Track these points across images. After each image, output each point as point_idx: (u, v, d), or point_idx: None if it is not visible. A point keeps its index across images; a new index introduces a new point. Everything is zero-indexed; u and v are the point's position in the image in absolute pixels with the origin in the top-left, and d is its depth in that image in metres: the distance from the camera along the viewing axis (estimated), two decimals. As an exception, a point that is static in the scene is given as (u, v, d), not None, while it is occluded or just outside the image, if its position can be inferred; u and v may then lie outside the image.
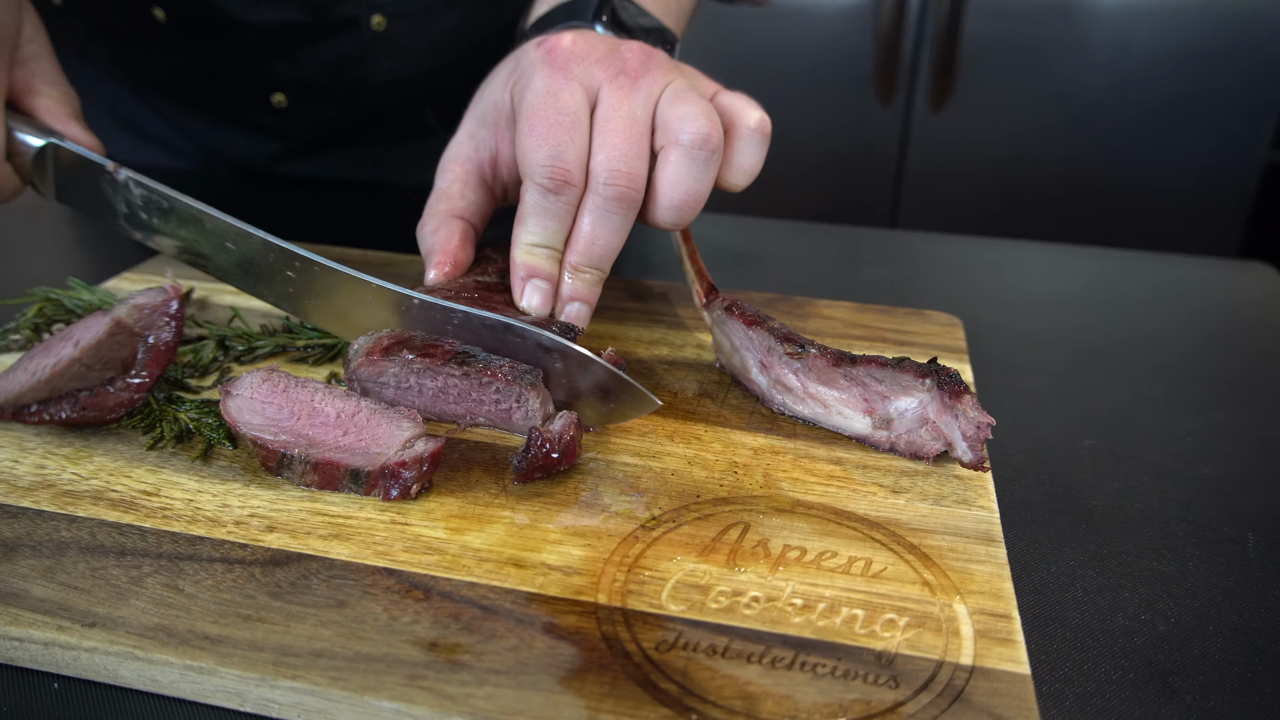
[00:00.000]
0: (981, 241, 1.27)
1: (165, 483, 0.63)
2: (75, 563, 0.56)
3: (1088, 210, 3.08)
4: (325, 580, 0.55)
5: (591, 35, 0.76)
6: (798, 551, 0.59)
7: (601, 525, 0.60)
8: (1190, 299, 1.10)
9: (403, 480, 0.61)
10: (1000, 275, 1.15)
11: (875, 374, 0.68)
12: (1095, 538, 0.66)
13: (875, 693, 0.49)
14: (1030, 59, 2.96)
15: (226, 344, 0.81)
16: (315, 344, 0.82)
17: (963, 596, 0.55)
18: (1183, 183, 3.00)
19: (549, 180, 0.70)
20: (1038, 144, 3.05)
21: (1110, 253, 1.26)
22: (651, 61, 0.75)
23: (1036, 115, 3.01)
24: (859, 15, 3.07)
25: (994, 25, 2.96)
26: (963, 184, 3.20)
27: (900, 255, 1.22)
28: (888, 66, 3.09)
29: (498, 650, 0.50)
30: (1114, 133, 2.98)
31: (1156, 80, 2.89)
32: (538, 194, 0.71)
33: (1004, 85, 3.01)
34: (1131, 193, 3.03)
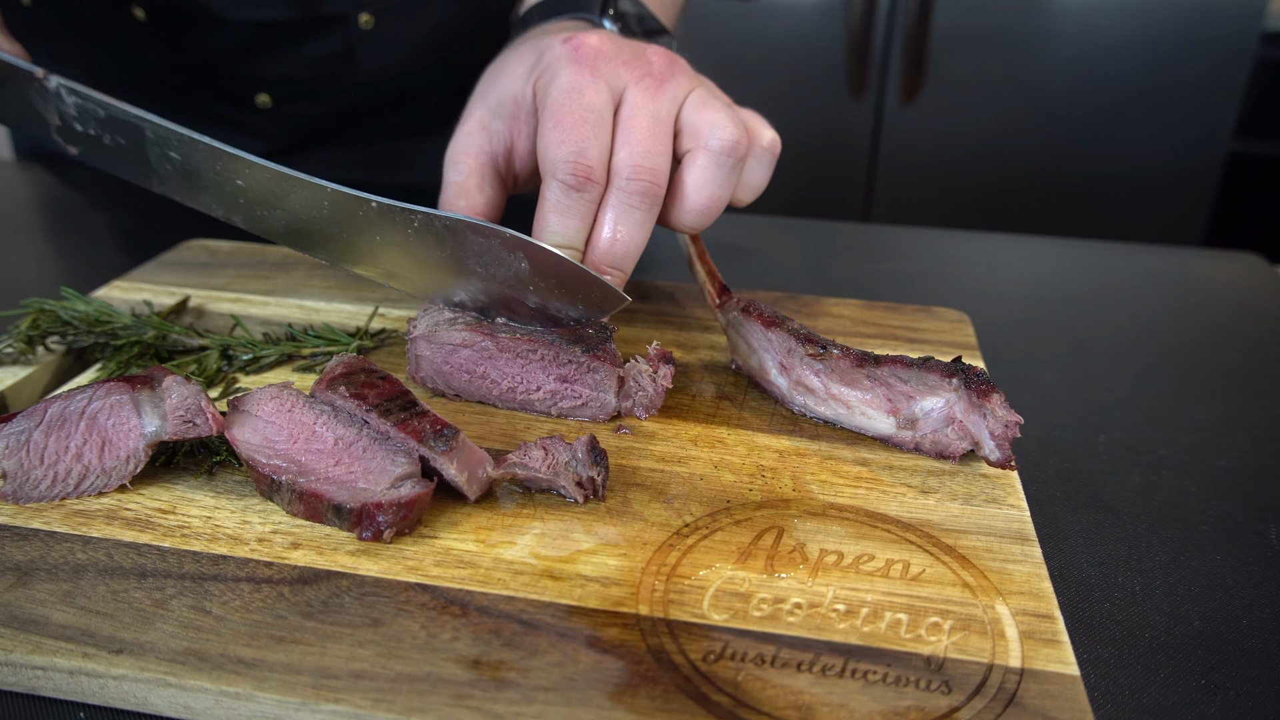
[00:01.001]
0: (971, 235, 1.27)
1: (180, 500, 0.61)
2: (94, 586, 0.54)
3: (1056, 200, 3.12)
4: (358, 598, 0.54)
5: (616, 37, 0.75)
6: (835, 556, 0.58)
7: (634, 534, 0.59)
8: (1183, 290, 1.12)
9: (376, 523, 0.57)
10: (995, 269, 1.15)
11: (900, 374, 0.67)
12: (1121, 534, 0.66)
13: (929, 699, 0.48)
14: (998, 51, 2.99)
15: (230, 353, 0.79)
16: (321, 351, 0.80)
17: (1004, 598, 0.55)
18: (1148, 172, 3.05)
19: (571, 177, 0.69)
20: (1006, 135, 3.08)
21: (1100, 245, 1.27)
22: (676, 67, 0.74)
23: (1005, 106, 3.04)
24: (830, 9, 3.08)
25: (962, 18, 2.98)
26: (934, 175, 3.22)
27: (894, 250, 1.22)
28: (859, 60, 3.11)
29: (543, 666, 0.49)
30: (1080, 123, 3.01)
31: (1121, 71, 2.93)
32: (560, 191, 0.69)
33: (973, 77, 3.03)
34: (1098, 182, 3.07)
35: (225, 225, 1.06)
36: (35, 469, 0.60)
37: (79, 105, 0.73)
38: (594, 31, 0.75)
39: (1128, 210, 3.10)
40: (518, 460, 0.62)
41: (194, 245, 1.02)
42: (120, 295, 0.90)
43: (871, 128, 3.20)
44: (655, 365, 0.70)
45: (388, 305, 0.90)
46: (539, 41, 0.78)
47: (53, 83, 0.73)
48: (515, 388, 0.72)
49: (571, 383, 0.71)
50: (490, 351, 0.72)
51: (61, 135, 0.75)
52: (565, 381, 0.71)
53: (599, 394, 0.71)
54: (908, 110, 3.14)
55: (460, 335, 0.72)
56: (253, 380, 0.76)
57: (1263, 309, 1.05)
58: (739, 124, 0.73)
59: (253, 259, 1.00)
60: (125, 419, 0.61)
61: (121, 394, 0.60)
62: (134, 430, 0.61)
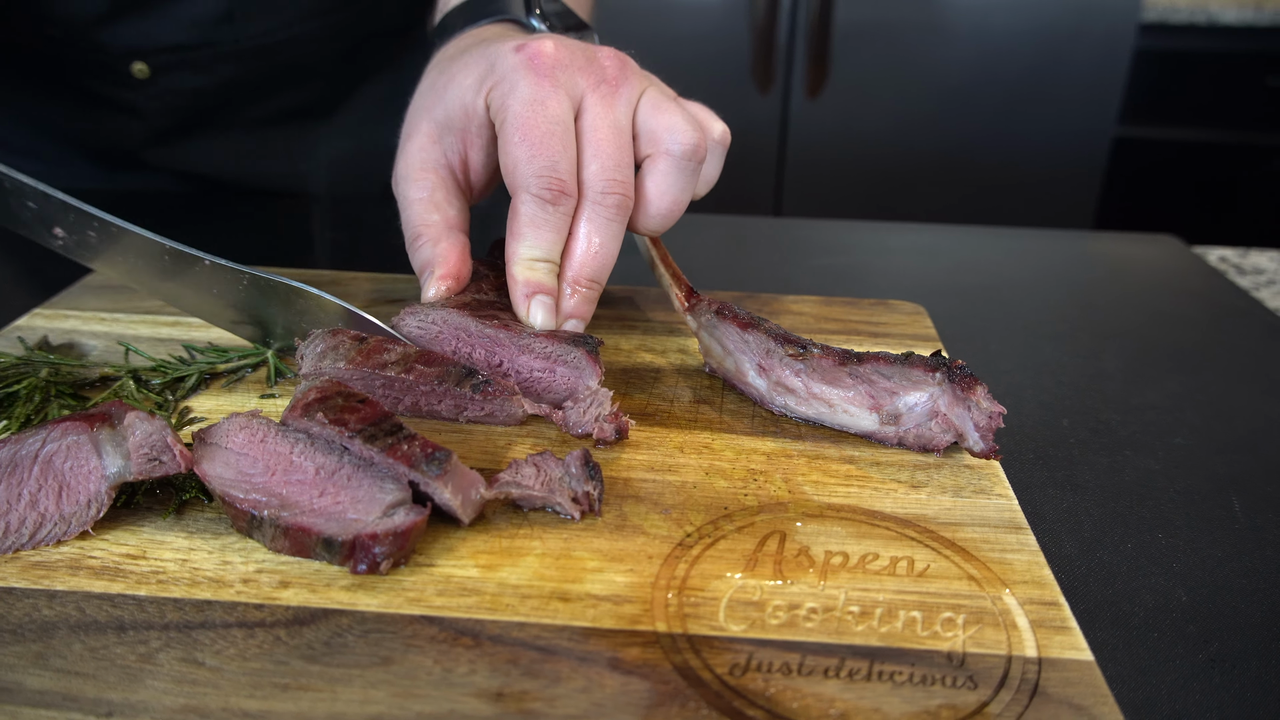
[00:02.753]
0: (900, 226, 1.30)
1: (149, 543, 0.57)
2: (68, 644, 0.50)
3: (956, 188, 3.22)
4: (361, 636, 0.51)
5: (566, 41, 0.73)
6: (840, 557, 0.58)
7: (637, 548, 0.58)
8: (1113, 273, 1.16)
9: (371, 555, 0.54)
10: (932, 259, 1.17)
11: (883, 370, 0.68)
12: (1098, 515, 0.68)
13: (958, 696, 0.48)
14: (897, 44, 3.07)
15: (140, 378, 0.74)
16: (244, 365, 0.76)
17: (1009, 588, 0.56)
18: (1041, 159, 3.17)
19: (546, 191, 0.67)
20: (908, 126, 3.17)
21: (1026, 232, 1.31)
22: (628, 69, 0.74)
23: (905, 98, 3.13)
24: (734, 6, 3.11)
25: (862, 12, 3.05)
26: (841, 168, 3.29)
27: (826, 244, 1.23)
28: (764, 55, 3.15)
29: (568, 694, 0.48)
30: (976, 113, 3.12)
31: (1013, 63, 3.04)
32: (535, 205, 0.68)
33: (874, 71, 3.11)
34: (994, 170, 3.19)
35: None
36: (-15, 520, 0.55)
37: None
38: (545, 38, 0.73)
39: (1023, 196, 3.22)
40: (510, 479, 0.60)
41: (118, 267, 0.96)
42: (44, 324, 0.84)
43: (779, 122, 3.25)
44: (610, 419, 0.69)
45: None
46: (484, 50, 0.76)
47: None
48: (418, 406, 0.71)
49: (464, 409, 0.70)
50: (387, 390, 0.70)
51: None
52: (459, 408, 0.70)
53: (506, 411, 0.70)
54: (813, 104, 3.20)
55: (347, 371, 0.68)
56: (205, 406, 0.72)
57: (1188, 288, 1.10)
58: (695, 124, 0.73)
59: (185, 279, 0.94)
60: (84, 461, 0.56)
61: (79, 434, 0.56)
62: (94, 472, 0.57)
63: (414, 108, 0.79)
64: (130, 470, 0.57)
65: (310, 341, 0.69)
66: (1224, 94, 3.34)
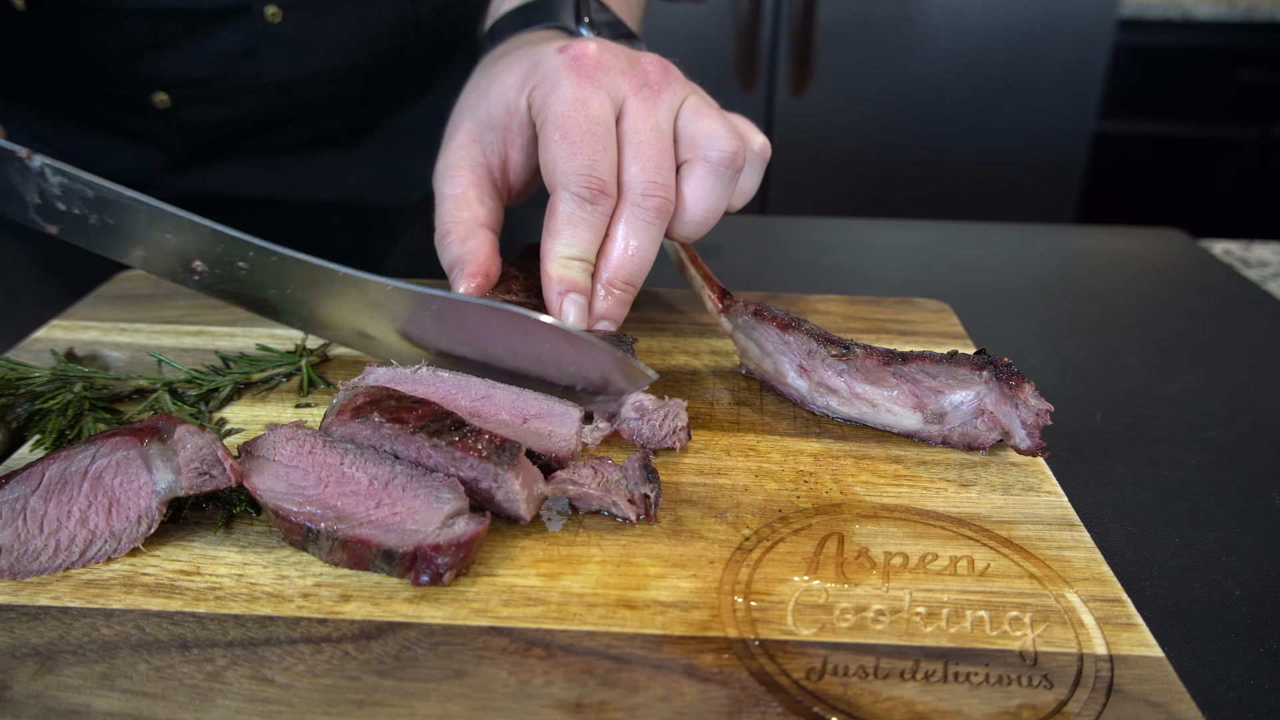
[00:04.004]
0: (905, 224, 1.30)
1: (202, 558, 0.56)
2: (133, 664, 0.48)
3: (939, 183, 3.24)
4: (430, 649, 0.50)
5: (611, 45, 0.73)
6: (900, 558, 0.58)
7: (697, 552, 0.58)
8: (1122, 268, 1.17)
9: (435, 566, 0.53)
10: (941, 257, 1.18)
11: (928, 370, 0.68)
12: (1139, 511, 0.68)
13: (1035, 695, 0.48)
14: (880, 42, 3.09)
15: (175, 390, 0.72)
16: (278, 373, 0.75)
17: (1070, 585, 0.56)
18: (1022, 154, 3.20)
19: (585, 190, 0.67)
20: (891, 123, 3.19)
21: (1031, 228, 1.32)
22: (670, 75, 0.73)
23: (889, 96, 3.14)
24: (718, 4, 3.11)
25: (845, 10, 3.06)
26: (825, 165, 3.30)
27: (834, 243, 1.23)
28: (748, 54, 3.15)
29: (648, 703, 0.47)
30: (958, 110, 3.14)
31: (992, 59, 3.07)
32: (573, 204, 0.67)
33: (857, 68, 3.12)
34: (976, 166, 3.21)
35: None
36: (34, 539, 0.54)
37: (64, 185, 0.68)
38: (589, 40, 0.73)
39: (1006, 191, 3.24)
40: (568, 477, 0.59)
41: (131, 275, 0.94)
42: (64, 335, 0.82)
43: (763, 120, 3.25)
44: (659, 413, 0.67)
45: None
46: (529, 51, 0.75)
47: (36, 162, 0.68)
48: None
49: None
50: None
51: (40, 214, 0.70)
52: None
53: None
54: (797, 102, 3.21)
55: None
56: (241, 416, 0.70)
57: (1198, 282, 1.12)
58: (735, 133, 0.73)
59: (202, 287, 0.92)
60: (134, 476, 0.55)
61: (129, 448, 0.55)
62: (145, 488, 0.55)
63: (458, 107, 0.79)
64: (181, 485, 0.55)
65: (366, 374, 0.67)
66: (1199, 88, 3.39)
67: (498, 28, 0.86)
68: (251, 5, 1.07)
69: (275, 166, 1.27)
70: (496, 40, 0.85)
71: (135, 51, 1.07)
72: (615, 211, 0.69)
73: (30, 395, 0.67)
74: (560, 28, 0.84)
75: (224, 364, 0.76)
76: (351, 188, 1.30)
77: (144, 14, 1.04)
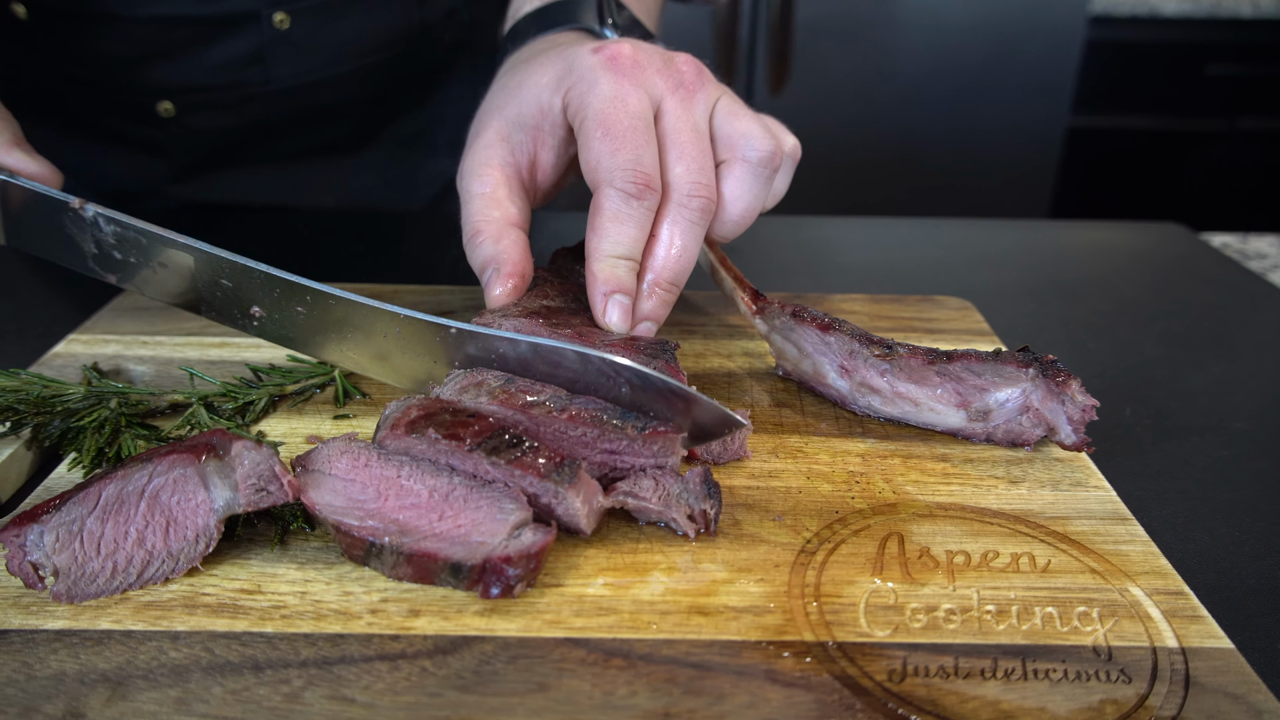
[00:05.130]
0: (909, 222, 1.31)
1: (261, 576, 0.55)
2: (207, 687, 0.47)
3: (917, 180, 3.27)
4: (509, 662, 0.49)
5: (644, 45, 0.73)
6: (962, 556, 0.58)
7: (761, 556, 0.58)
8: (1131, 262, 1.18)
9: (506, 578, 0.53)
10: (951, 254, 1.19)
11: (974, 368, 0.68)
12: (1182, 503, 0.69)
13: (1116, 690, 0.49)
14: (858, 40, 3.11)
15: (211, 404, 0.71)
16: (311, 384, 0.74)
17: (1132, 579, 0.57)
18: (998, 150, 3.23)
19: (631, 185, 0.66)
20: (869, 121, 3.21)
21: (1033, 224, 1.33)
22: (704, 75, 0.73)
23: (866, 94, 3.16)
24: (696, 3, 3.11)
25: (823, 9, 3.08)
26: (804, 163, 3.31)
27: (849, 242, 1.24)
28: (726, 53, 3.16)
29: (735, 710, 0.47)
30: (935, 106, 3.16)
31: (967, 56, 3.10)
32: (619, 200, 0.67)
33: (836, 67, 3.14)
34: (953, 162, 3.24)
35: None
36: (92, 561, 0.52)
37: (118, 234, 0.68)
38: (624, 41, 0.73)
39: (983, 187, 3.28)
40: (628, 490, 0.59)
41: (146, 287, 0.92)
42: (84, 350, 0.80)
43: (741, 119, 3.25)
44: None
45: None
46: (561, 52, 0.74)
47: (89, 212, 0.67)
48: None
49: (620, 454, 0.62)
50: (524, 425, 0.62)
51: (99, 264, 0.70)
52: (614, 454, 0.62)
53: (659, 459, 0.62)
54: (776, 100, 3.22)
55: (491, 407, 0.62)
56: (279, 429, 0.69)
57: (1205, 275, 1.13)
58: (771, 134, 0.74)
59: (219, 298, 0.91)
60: (191, 494, 0.54)
61: (185, 466, 0.54)
62: (202, 506, 0.54)
63: (485, 107, 0.78)
64: (239, 502, 0.54)
65: (451, 378, 0.66)
66: (1168, 83, 3.44)
67: (519, 29, 0.85)
68: (260, 12, 1.05)
69: (280, 173, 1.25)
70: (519, 41, 0.84)
71: (141, 60, 1.05)
72: (660, 211, 0.69)
73: (66, 413, 0.65)
74: (583, 29, 0.84)
75: (255, 376, 0.75)
76: (357, 194, 1.28)
77: (151, 22, 1.02)
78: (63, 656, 0.49)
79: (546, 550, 0.54)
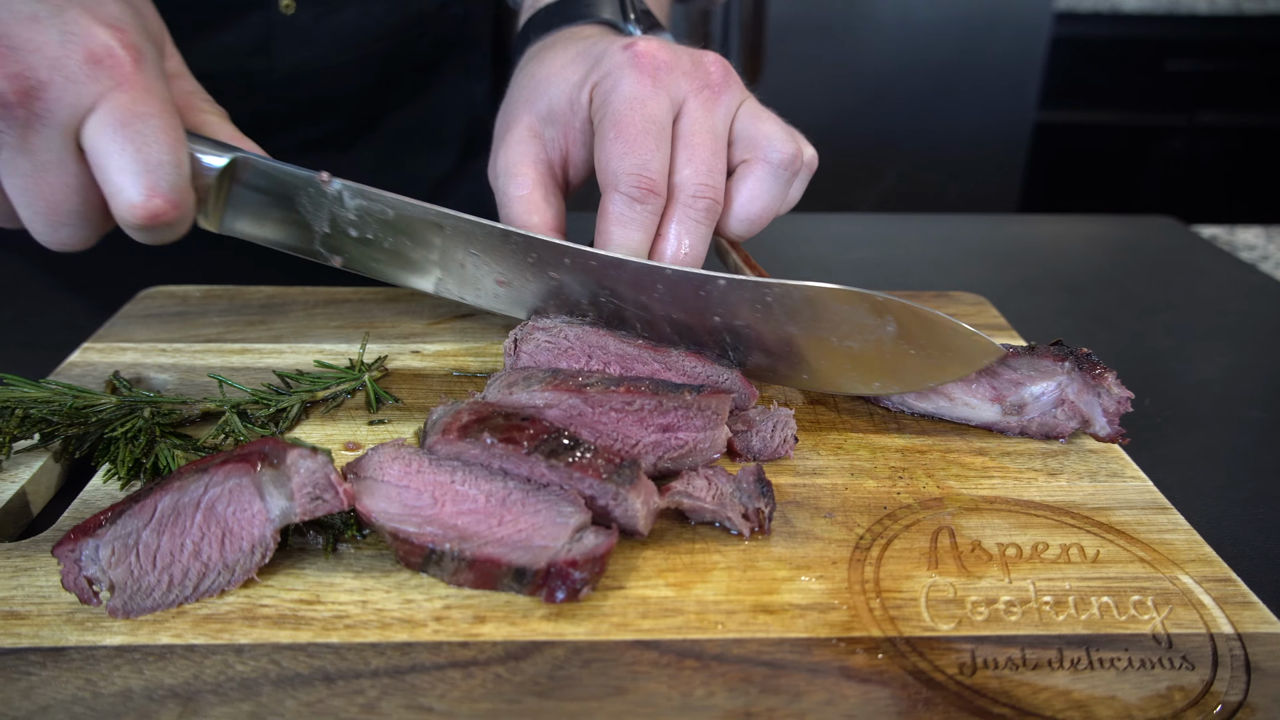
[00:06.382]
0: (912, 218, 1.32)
1: (319, 586, 0.54)
2: (279, 700, 0.47)
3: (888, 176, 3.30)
4: (582, 667, 0.49)
5: (672, 44, 0.73)
6: (1014, 549, 0.59)
7: (818, 553, 0.58)
8: (1126, 255, 1.21)
9: (572, 582, 0.52)
10: (952, 249, 1.20)
11: (1010, 362, 0.69)
12: (1211, 490, 0.71)
13: (1181, 677, 0.50)
14: (829, 38, 3.13)
15: (245, 412, 0.70)
16: (342, 390, 0.73)
17: (1180, 567, 0.58)
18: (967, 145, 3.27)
19: (635, 189, 0.67)
20: (841, 117, 3.23)
21: (1028, 218, 1.35)
22: (730, 77, 0.74)
23: (838, 91, 3.19)
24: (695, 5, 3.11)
25: (795, 7, 3.09)
26: (778, 160, 3.33)
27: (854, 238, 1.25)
28: (700, 50, 3.16)
29: (815, 708, 0.47)
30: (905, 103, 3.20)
31: (937, 52, 3.13)
32: (623, 203, 0.68)
33: (808, 64, 3.16)
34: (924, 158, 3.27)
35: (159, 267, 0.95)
36: (148, 574, 0.51)
37: (361, 208, 0.66)
38: (651, 39, 0.73)
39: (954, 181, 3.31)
40: (682, 490, 0.59)
41: (155, 293, 0.90)
42: (101, 359, 0.79)
43: (716, 116, 3.26)
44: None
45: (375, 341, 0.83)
46: (588, 47, 0.74)
47: (335, 186, 0.66)
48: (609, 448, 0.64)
49: (675, 430, 0.63)
50: (578, 409, 0.63)
51: (326, 245, 0.69)
52: (668, 430, 0.63)
53: (708, 432, 0.63)
54: (748, 98, 3.22)
55: (544, 396, 0.63)
56: (315, 436, 0.68)
57: (1200, 266, 1.16)
58: (793, 138, 0.74)
59: (233, 303, 0.89)
60: (247, 504, 0.53)
61: (241, 476, 0.53)
62: (258, 516, 0.53)
63: (511, 100, 0.77)
64: (295, 511, 0.53)
65: (494, 379, 0.66)
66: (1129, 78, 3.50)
67: (537, 20, 0.85)
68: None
69: None
70: (538, 33, 0.84)
71: None
72: (666, 211, 0.70)
73: (100, 424, 0.64)
74: (603, 22, 0.84)
75: (284, 382, 0.73)
76: None
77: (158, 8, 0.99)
78: (126, 673, 0.48)
79: (611, 552, 0.54)
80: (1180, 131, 3.55)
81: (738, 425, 0.66)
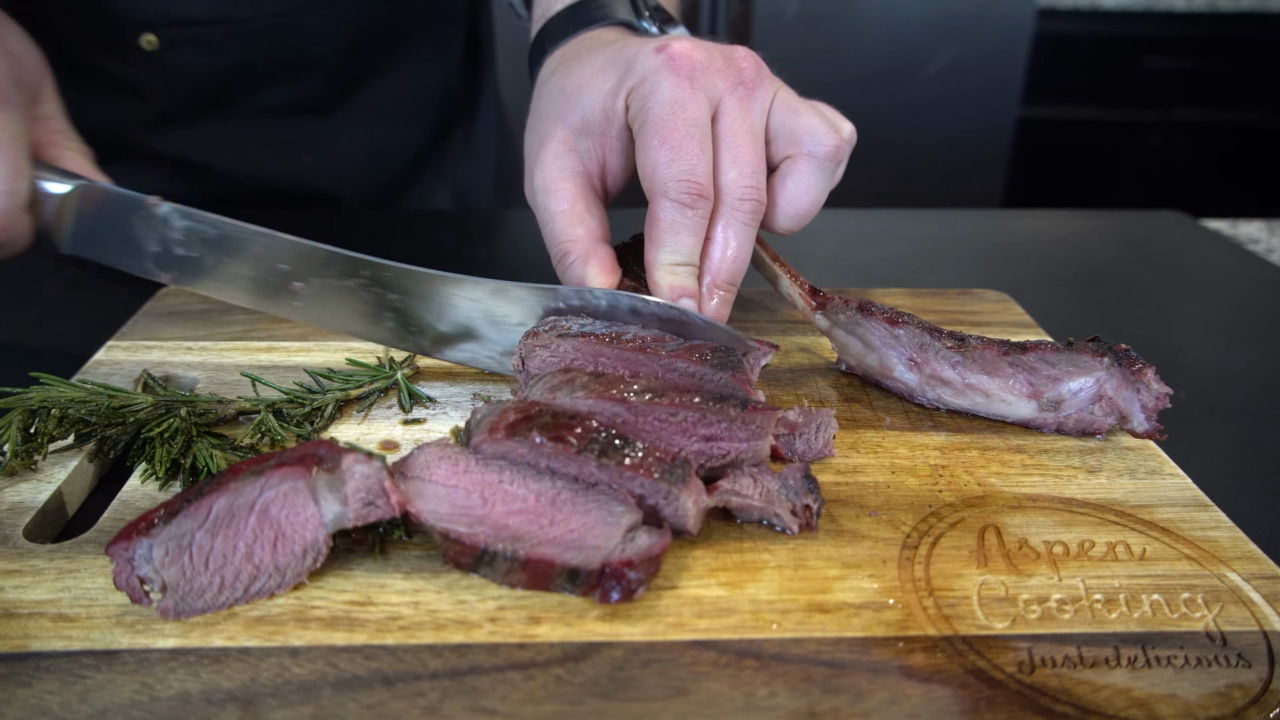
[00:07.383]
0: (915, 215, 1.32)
1: (369, 588, 0.54)
2: (340, 703, 0.46)
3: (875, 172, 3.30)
4: (641, 667, 0.49)
5: (703, 42, 0.72)
6: (1061, 547, 0.59)
7: (867, 552, 0.58)
8: (1141, 250, 1.21)
9: (627, 582, 0.52)
10: (964, 246, 1.20)
11: (1048, 358, 0.69)
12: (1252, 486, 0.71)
13: (1239, 675, 0.50)
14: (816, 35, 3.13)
15: (282, 411, 0.69)
16: (374, 388, 0.73)
17: (1227, 565, 0.58)
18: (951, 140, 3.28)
19: (685, 195, 0.67)
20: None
21: (1040, 213, 1.36)
22: (762, 71, 0.73)
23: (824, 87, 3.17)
24: (656, -2, 3.10)
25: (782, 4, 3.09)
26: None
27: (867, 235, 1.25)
28: (689, 46, 3.16)
29: (879, 707, 0.47)
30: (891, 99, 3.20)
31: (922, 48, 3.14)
32: (674, 210, 0.67)
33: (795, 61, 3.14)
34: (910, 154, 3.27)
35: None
36: (200, 575, 0.51)
37: (188, 229, 0.71)
38: (683, 39, 0.72)
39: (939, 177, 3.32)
40: (730, 488, 0.59)
41: (177, 291, 0.89)
42: (127, 358, 0.78)
43: (705, 113, 3.25)
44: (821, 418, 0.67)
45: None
46: (617, 52, 0.74)
47: (163, 209, 0.71)
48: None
49: (717, 440, 0.62)
50: (621, 416, 0.62)
51: (157, 263, 0.73)
52: (711, 440, 0.62)
53: (752, 443, 0.62)
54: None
55: (586, 403, 0.61)
56: (350, 435, 0.68)
57: (1213, 260, 1.16)
58: (832, 126, 0.73)
59: (255, 300, 0.88)
60: (301, 508, 0.52)
61: (296, 479, 0.52)
62: (311, 520, 0.53)
63: (541, 115, 0.76)
64: (348, 516, 0.53)
65: (538, 378, 0.65)
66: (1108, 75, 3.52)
67: (552, 27, 0.84)
68: None
69: (257, 128, 1.24)
70: (555, 41, 0.83)
71: None
72: (714, 215, 0.69)
73: (138, 425, 0.63)
74: (620, 23, 0.83)
75: (316, 381, 0.73)
76: (330, 154, 1.28)
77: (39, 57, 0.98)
78: (182, 676, 0.47)
79: (665, 552, 0.53)
80: (1158, 127, 3.57)
81: (779, 429, 0.65)
